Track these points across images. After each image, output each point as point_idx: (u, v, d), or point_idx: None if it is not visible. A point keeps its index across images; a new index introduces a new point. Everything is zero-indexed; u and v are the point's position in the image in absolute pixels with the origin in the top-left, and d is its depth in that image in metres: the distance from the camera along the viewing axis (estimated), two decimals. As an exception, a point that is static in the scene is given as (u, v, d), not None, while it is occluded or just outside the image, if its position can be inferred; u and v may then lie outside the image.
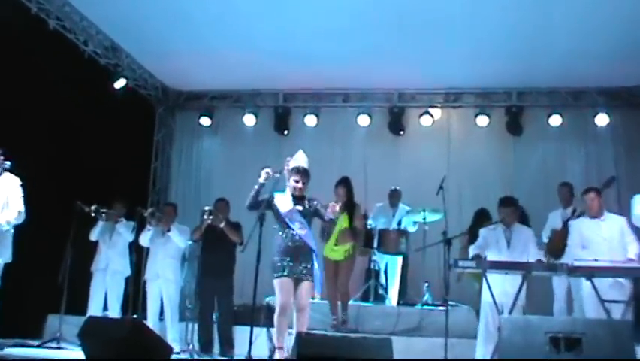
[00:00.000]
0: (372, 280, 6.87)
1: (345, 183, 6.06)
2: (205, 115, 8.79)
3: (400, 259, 7.17)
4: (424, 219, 6.93)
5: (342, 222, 5.99)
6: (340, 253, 6.00)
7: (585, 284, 5.01)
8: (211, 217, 5.76)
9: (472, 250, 5.26)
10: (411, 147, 8.48)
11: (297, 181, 4.67)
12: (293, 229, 4.59)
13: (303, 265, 4.53)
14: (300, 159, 4.76)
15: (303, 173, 4.70)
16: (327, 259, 5.99)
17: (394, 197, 7.46)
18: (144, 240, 6.29)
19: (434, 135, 8.40)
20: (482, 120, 8.20)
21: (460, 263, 4.90)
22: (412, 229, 7.17)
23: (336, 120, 8.64)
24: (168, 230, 6.19)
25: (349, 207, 5.91)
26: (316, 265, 4.60)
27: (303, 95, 8.67)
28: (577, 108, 8.08)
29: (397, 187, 7.50)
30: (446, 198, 5.82)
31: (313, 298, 4.80)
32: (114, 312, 6.26)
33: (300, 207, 4.67)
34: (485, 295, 5.11)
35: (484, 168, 8.18)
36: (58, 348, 5.54)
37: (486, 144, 8.31)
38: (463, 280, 6.24)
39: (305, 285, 4.52)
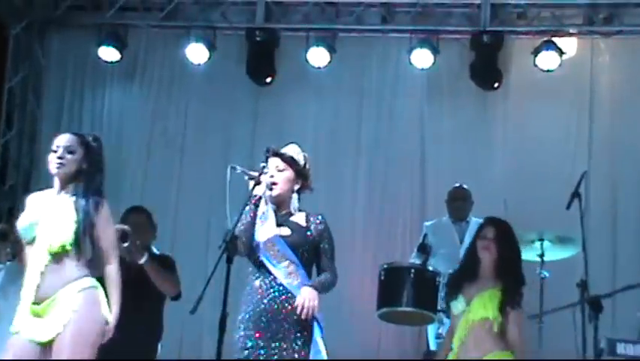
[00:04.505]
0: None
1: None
2: (109, 43, 8.80)
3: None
4: (541, 256, 6.90)
5: None
6: None
7: None
8: (125, 245, 5.68)
9: None
10: (514, 113, 8.54)
11: (271, 173, 4.73)
12: (272, 275, 4.68)
13: (285, 345, 4.57)
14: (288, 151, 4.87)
15: (283, 157, 4.77)
16: None
17: (459, 201, 7.58)
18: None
19: (563, 90, 8.40)
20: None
21: (621, 348, 4.82)
22: None
23: (368, 59, 8.69)
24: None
25: None
26: (319, 348, 4.64)
27: (301, 9, 8.76)
28: None
29: (463, 185, 7.62)
30: (588, 214, 5.89)
31: None
32: None
33: (285, 232, 4.72)
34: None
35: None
36: None
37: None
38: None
39: None
